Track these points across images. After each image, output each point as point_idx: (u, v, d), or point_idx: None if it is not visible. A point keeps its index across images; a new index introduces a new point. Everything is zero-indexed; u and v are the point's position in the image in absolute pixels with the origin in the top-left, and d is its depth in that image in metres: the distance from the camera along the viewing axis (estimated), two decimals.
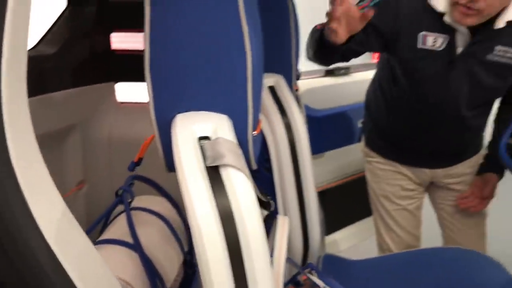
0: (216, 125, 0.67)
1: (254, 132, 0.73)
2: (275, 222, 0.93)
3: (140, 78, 0.74)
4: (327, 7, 1.20)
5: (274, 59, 1.24)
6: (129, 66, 1.41)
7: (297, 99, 1.35)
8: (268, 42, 1.22)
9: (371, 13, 1.17)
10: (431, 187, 1.73)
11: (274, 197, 1.19)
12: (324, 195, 2.07)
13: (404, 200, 1.69)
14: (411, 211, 1.71)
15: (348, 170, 2.22)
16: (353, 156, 2.14)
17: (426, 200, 1.80)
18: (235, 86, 0.70)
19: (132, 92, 1.79)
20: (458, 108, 1.47)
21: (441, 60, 1.40)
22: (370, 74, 1.76)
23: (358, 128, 2.06)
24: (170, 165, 0.72)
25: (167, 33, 0.69)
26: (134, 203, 1.35)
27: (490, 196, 1.60)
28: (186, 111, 0.70)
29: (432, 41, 1.38)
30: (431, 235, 1.83)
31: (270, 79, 1.23)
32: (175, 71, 0.69)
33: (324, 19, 1.24)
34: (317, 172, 2.11)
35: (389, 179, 1.69)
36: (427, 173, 1.66)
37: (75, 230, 0.60)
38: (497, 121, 1.61)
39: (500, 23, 1.32)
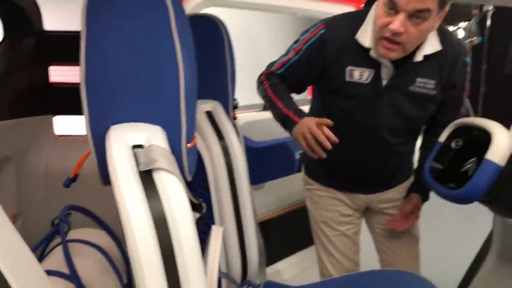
0: (150, 135, 0.70)
1: (188, 145, 0.76)
2: (209, 232, 0.95)
3: (79, 111, 0.76)
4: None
5: (210, 86, 1.29)
6: (67, 99, 1.41)
7: (235, 126, 1.39)
8: (205, 71, 1.27)
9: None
10: (367, 213, 1.80)
11: (211, 217, 1.21)
12: (266, 225, 2.10)
13: (342, 225, 1.75)
14: (349, 236, 1.76)
15: (290, 200, 2.27)
16: (294, 186, 2.19)
17: (364, 227, 1.87)
18: (168, 99, 0.73)
19: (70, 125, 1.77)
20: (386, 136, 1.56)
21: (368, 91, 1.49)
22: (306, 108, 1.84)
23: (297, 159, 2.13)
24: (106, 178, 0.73)
25: (102, 48, 0.72)
26: (72, 236, 1.32)
27: (414, 216, 1.68)
28: (121, 122, 0.73)
29: (359, 74, 1.48)
30: (369, 261, 1.90)
31: (207, 105, 1.27)
32: (109, 84, 0.72)
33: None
34: (258, 203, 2.15)
35: (327, 205, 1.75)
36: (362, 199, 1.73)
37: (8, 230, 0.59)
38: (422, 148, 1.72)
39: (419, 57, 1.44)
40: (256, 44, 4.73)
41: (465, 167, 1.39)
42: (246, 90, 2.52)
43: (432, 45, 1.45)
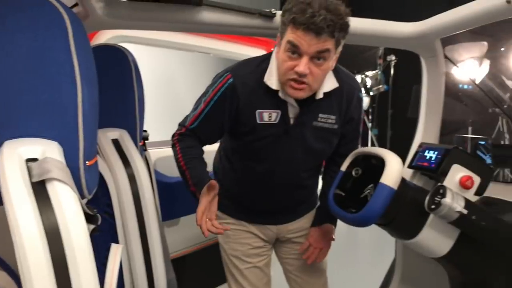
0: (45, 149, 0.69)
1: (87, 162, 0.76)
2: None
3: None
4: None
5: (118, 114, 1.29)
6: None
7: (145, 155, 1.39)
8: (111, 99, 1.28)
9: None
10: (277, 243, 1.85)
11: (116, 243, 1.18)
12: (181, 262, 2.07)
13: (253, 258, 1.77)
14: (261, 268, 1.79)
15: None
16: None
17: (274, 259, 1.90)
18: (65, 114, 0.73)
19: None
20: (295, 170, 1.65)
21: (278, 131, 1.57)
22: (216, 145, 1.88)
23: None
24: None
25: None
26: None
27: (328, 245, 1.75)
28: (16, 138, 0.71)
29: (268, 116, 1.55)
30: None
31: (114, 133, 1.27)
32: (2, 99, 0.71)
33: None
34: (173, 239, 2.12)
35: (239, 238, 1.76)
36: (272, 230, 1.78)
37: None
38: (324, 178, 1.82)
39: (319, 94, 1.55)
40: (174, 82, 4.80)
41: (365, 192, 1.48)
42: (162, 126, 2.53)
43: (330, 83, 1.57)
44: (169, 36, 2.11)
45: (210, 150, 1.79)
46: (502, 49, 3.52)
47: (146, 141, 1.78)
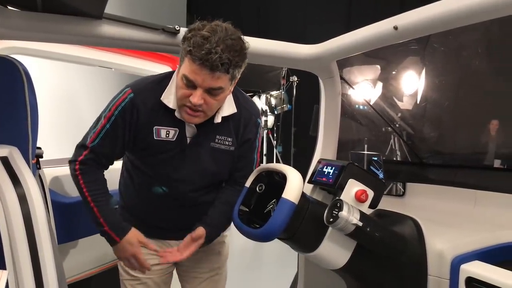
0: None
1: None
2: None
3: None
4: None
5: (7, 130, 1.21)
6: None
7: (39, 174, 1.30)
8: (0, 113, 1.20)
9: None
10: (178, 262, 1.81)
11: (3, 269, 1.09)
12: (81, 285, 1.96)
13: (150, 273, 1.72)
14: (158, 284, 1.76)
15: (107, 258, 2.17)
16: None
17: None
18: None
19: None
20: (190, 188, 1.65)
21: (174, 148, 1.59)
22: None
23: None
24: None
25: None
26: None
27: (193, 247, 1.64)
28: None
29: (165, 133, 1.57)
30: None
31: (2, 150, 1.18)
32: None
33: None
34: (72, 262, 2.01)
35: None
36: (173, 245, 1.73)
37: None
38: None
39: (218, 118, 1.59)
40: (76, 98, 4.61)
41: (268, 207, 1.51)
42: (63, 143, 2.40)
43: (230, 108, 1.62)
44: (68, 50, 2.02)
45: (117, 167, 1.74)
46: (393, 72, 3.81)
47: (41, 159, 1.68)
